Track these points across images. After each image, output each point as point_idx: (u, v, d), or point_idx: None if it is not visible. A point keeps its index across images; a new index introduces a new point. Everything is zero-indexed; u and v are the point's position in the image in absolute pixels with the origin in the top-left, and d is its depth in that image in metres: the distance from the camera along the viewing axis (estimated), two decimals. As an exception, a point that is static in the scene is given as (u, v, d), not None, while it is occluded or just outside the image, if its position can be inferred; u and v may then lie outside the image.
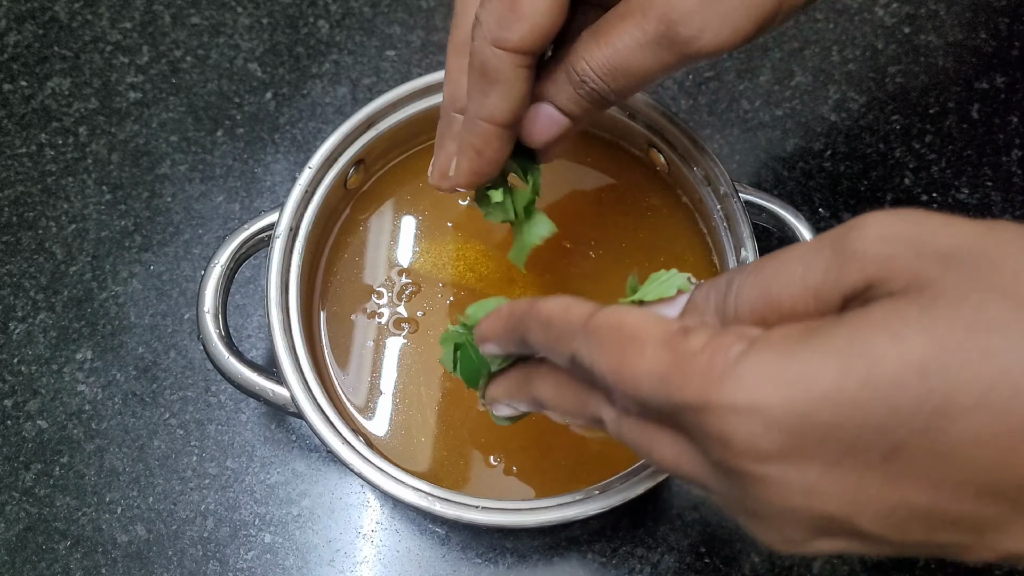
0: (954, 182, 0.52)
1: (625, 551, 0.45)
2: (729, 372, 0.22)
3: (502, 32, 0.31)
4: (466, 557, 0.45)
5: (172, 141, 0.54)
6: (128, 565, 0.45)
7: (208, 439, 0.48)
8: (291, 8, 0.57)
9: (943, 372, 0.20)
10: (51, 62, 0.56)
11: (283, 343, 0.40)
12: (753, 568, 0.45)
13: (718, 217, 0.43)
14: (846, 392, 0.21)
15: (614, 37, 0.31)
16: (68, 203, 0.53)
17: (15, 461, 0.47)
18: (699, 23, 0.30)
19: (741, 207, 0.41)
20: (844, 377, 0.21)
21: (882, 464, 0.21)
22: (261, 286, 0.50)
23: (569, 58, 0.33)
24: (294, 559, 0.45)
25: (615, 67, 0.32)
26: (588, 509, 0.37)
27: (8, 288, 0.51)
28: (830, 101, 0.54)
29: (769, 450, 0.22)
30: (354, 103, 0.55)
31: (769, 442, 0.22)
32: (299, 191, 0.42)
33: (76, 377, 0.49)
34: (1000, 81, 0.55)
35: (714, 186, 0.42)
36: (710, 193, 0.43)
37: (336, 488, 0.47)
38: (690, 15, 0.30)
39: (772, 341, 0.22)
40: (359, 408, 0.43)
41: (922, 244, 0.22)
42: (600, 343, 0.25)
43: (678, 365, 0.23)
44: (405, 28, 0.56)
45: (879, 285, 0.22)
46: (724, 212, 0.42)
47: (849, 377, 0.21)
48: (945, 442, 0.21)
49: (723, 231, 0.42)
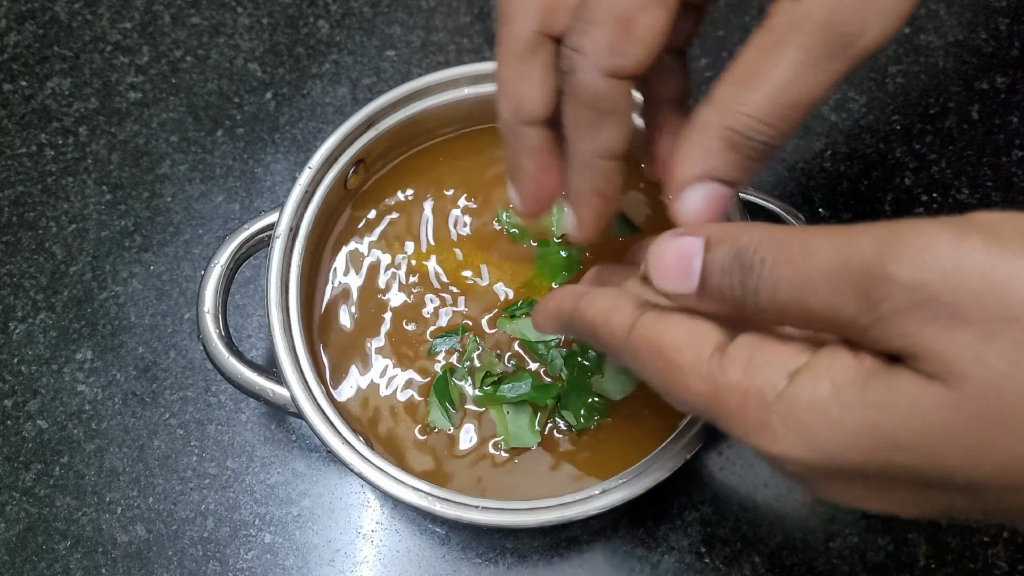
0: (954, 182, 0.52)
1: (625, 551, 0.45)
2: (766, 422, 0.23)
3: (617, 60, 0.28)
4: (466, 557, 0.45)
5: (172, 141, 0.54)
6: (128, 565, 0.45)
7: (208, 439, 0.48)
8: (291, 8, 0.57)
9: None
10: (51, 62, 0.56)
11: (283, 343, 0.40)
12: (753, 568, 0.45)
13: (718, 218, 0.42)
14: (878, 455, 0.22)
15: (772, 71, 0.27)
16: (68, 203, 0.53)
17: (15, 461, 0.47)
18: (863, 16, 0.27)
19: (741, 207, 0.41)
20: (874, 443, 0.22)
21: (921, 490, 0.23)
22: (261, 286, 0.50)
23: (718, 118, 0.28)
24: (294, 559, 0.45)
25: (785, 106, 0.28)
26: (588, 509, 0.37)
27: (8, 288, 0.51)
28: (830, 101, 0.54)
29: (813, 480, 0.24)
30: (354, 103, 0.55)
31: (812, 475, 0.24)
32: (299, 191, 0.42)
33: (76, 377, 0.49)
34: (1000, 81, 0.55)
35: (714, 186, 0.42)
36: (710, 193, 0.43)
37: (336, 488, 0.47)
38: (853, 11, 0.27)
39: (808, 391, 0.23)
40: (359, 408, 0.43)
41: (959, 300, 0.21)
42: (644, 365, 0.26)
43: (719, 399, 0.24)
44: (405, 28, 0.56)
45: (911, 359, 0.22)
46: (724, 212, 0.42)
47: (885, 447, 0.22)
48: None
49: (723, 231, 0.42)
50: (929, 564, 0.45)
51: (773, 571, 0.45)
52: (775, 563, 0.45)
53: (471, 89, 0.45)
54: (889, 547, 0.45)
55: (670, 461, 0.38)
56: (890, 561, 0.45)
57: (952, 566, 0.45)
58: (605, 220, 0.33)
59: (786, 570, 0.45)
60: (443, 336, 0.43)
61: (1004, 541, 0.45)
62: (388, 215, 0.46)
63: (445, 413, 0.42)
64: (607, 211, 0.33)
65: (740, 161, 0.28)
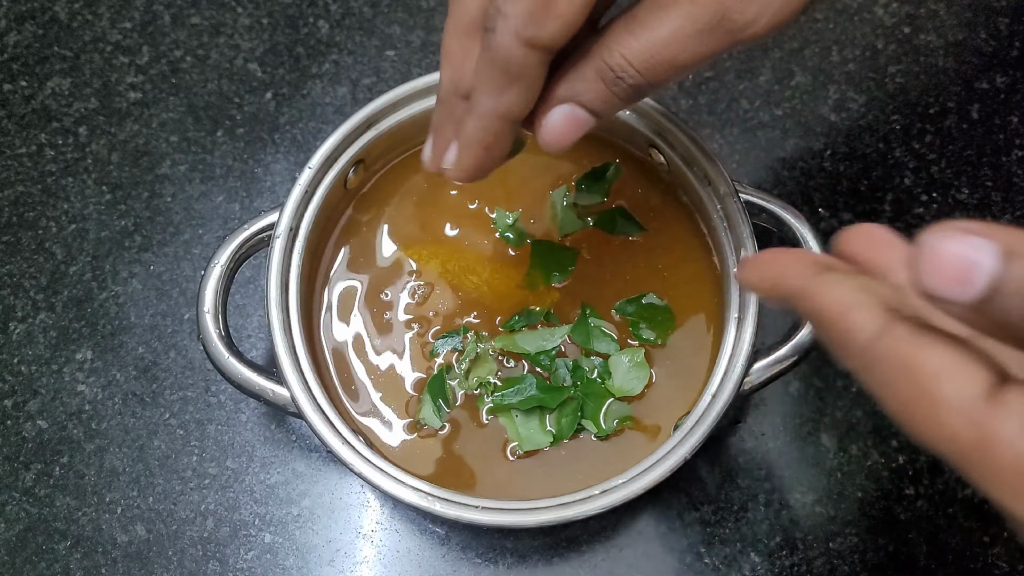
0: (954, 182, 0.52)
1: (625, 551, 0.45)
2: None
3: (534, 29, 0.29)
4: (466, 557, 0.45)
5: (172, 141, 0.54)
6: (128, 565, 0.45)
7: (208, 439, 0.48)
8: (291, 8, 0.57)
9: None
10: (51, 62, 0.56)
11: (283, 343, 0.40)
12: (753, 568, 0.45)
13: (718, 217, 0.43)
14: None
15: (655, 27, 0.29)
16: (68, 203, 0.53)
17: (15, 461, 0.47)
18: (753, 10, 0.29)
19: (741, 207, 0.41)
20: None
21: None
22: (261, 286, 0.50)
23: (598, 52, 0.30)
24: (294, 559, 0.45)
25: (657, 59, 0.30)
26: (588, 509, 0.37)
27: (8, 288, 0.51)
28: (830, 101, 0.54)
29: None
30: (354, 103, 0.55)
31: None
32: (299, 191, 0.42)
33: (76, 377, 0.49)
34: (1000, 81, 0.55)
35: (714, 186, 0.42)
36: (710, 193, 0.43)
37: (336, 488, 0.47)
38: (745, 1, 0.29)
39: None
40: (359, 408, 0.43)
41: None
42: (883, 382, 0.22)
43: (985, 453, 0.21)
44: (405, 28, 0.56)
45: None
46: (724, 212, 0.42)
47: None
48: None
49: (723, 231, 0.42)
50: (929, 564, 0.45)
51: (773, 571, 0.45)
52: (775, 563, 0.45)
53: (471, 89, 0.45)
54: (889, 547, 0.45)
55: (670, 461, 0.38)
56: (890, 561, 0.45)
57: (952, 566, 0.45)
58: (483, 170, 0.34)
59: (786, 570, 0.45)
60: (445, 337, 0.43)
61: (1004, 541, 0.45)
62: (388, 215, 0.46)
63: (436, 411, 0.42)
64: (488, 162, 0.33)
65: (605, 94, 0.31)
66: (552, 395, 0.41)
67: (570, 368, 0.42)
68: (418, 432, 0.42)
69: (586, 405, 0.42)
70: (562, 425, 0.41)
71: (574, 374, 0.42)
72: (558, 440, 0.41)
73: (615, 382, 0.42)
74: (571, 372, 0.42)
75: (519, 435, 0.41)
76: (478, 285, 0.45)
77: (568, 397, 0.41)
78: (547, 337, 0.43)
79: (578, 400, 0.42)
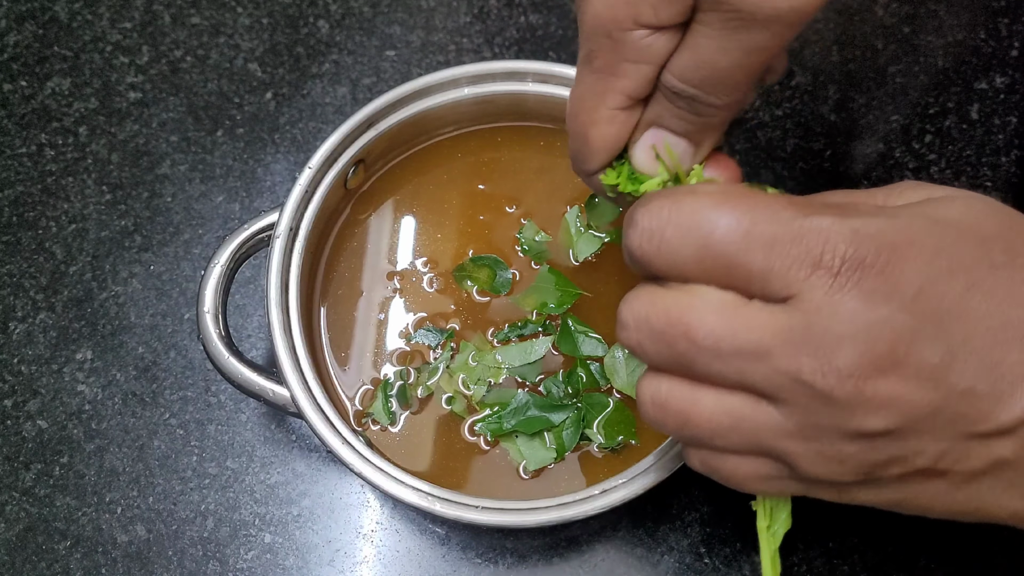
0: (954, 182, 0.52)
1: (625, 551, 0.45)
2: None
3: (579, 166, 0.35)
4: (466, 557, 0.45)
5: (172, 141, 0.54)
6: (128, 565, 0.45)
7: (208, 439, 0.48)
8: (291, 8, 0.57)
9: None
10: (51, 62, 0.56)
11: (283, 343, 0.40)
12: (753, 568, 0.45)
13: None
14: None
15: (689, 39, 0.30)
16: (68, 203, 0.53)
17: (15, 461, 0.47)
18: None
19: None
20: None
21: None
22: (261, 286, 0.50)
23: (662, 79, 0.32)
24: (294, 559, 0.45)
25: (697, 65, 0.30)
26: (588, 509, 0.37)
27: (8, 288, 0.51)
28: (830, 101, 0.54)
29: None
30: (354, 103, 0.55)
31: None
32: (299, 191, 0.42)
33: (76, 377, 0.49)
34: (1000, 81, 0.55)
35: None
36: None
37: (336, 488, 0.47)
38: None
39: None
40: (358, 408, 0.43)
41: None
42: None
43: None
44: (405, 28, 0.56)
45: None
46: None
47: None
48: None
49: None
50: (929, 564, 0.45)
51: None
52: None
53: (471, 89, 0.45)
54: (889, 547, 0.45)
55: (670, 461, 0.38)
56: (890, 561, 0.45)
57: (952, 566, 0.45)
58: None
59: (786, 570, 0.45)
60: (425, 329, 0.43)
61: (1004, 541, 0.45)
62: (388, 215, 0.46)
63: (386, 409, 0.42)
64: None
65: (676, 112, 0.32)
66: (555, 412, 0.41)
67: (564, 378, 0.42)
68: (364, 427, 0.42)
69: (590, 415, 0.41)
70: (563, 440, 0.41)
71: (568, 381, 0.42)
72: (561, 454, 0.41)
73: (619, 382, 0.42)
74: (567, 380, 0.42)
75: (524, 456, 0.41)
76: (473, 289, 0.45)
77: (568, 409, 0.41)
78: (530, 350, 0.43)
79: (580, 411, 0.41)
